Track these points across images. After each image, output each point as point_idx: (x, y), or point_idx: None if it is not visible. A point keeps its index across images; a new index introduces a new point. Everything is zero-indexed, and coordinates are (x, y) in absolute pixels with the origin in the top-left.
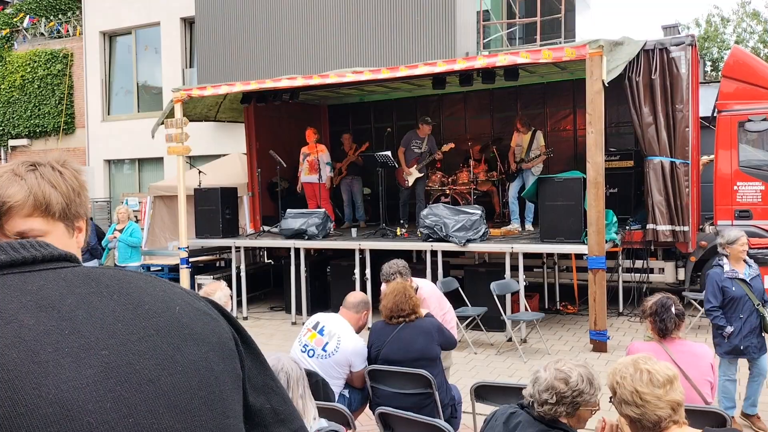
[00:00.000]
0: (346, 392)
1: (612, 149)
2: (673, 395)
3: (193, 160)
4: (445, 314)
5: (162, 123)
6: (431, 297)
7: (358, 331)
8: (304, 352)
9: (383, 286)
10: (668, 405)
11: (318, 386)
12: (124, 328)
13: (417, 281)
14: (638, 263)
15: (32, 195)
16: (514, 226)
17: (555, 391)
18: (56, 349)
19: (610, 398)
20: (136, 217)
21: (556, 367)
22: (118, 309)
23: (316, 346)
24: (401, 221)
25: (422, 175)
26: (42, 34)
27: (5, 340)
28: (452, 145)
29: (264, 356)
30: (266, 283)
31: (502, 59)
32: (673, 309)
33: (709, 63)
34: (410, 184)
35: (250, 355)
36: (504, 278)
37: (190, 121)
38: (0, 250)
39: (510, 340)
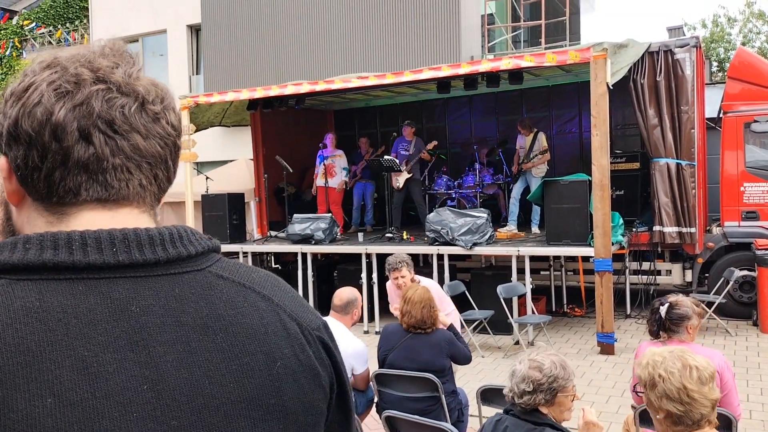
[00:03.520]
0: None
1: (618, 151)
2: (715, 393)
3: (201, 167)
4: (448, 316)
5: None
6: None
7: (352, 325)
8: None
9: (388, 283)
10: (711, 403)
11: None
12: (210, 389)
13: (418, 278)
14: (645, 265)
15: None
16: (511, 227)
17: (531, 379)
18: (124, 413)
19: (634, 387)
20: None
21: (530, 358)
22: (215, 357)
23: None
24: (392, 227)
25: (412, 176)
26: (50, 42)
27: (73, 396)
28: (435, 143)
29: (353, 409)
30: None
31: (507, 63)
32: (662, 311)
33: (715, 63)
34: (400, 186)
35: (340, 409)
36: (511, 281)
37: (198, 129)
38: (140, 243)
39: (517, 343)
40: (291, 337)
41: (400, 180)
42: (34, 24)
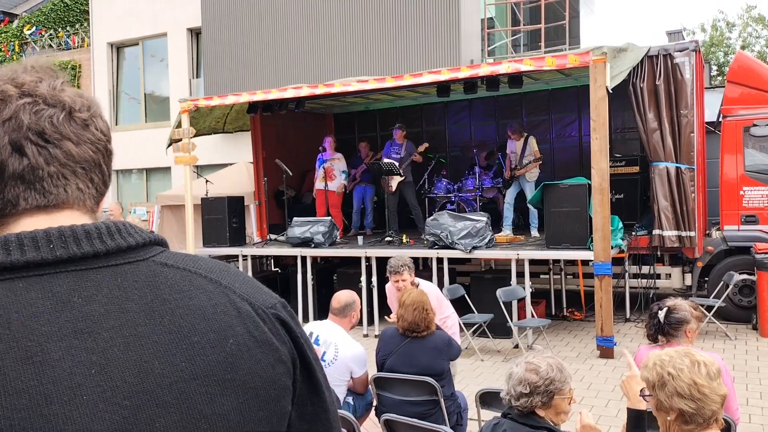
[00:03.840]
0: (350, 399)
1: (617, 155)
2: (723, 389)
3: (200, 170)
4: (447, 319)
5: (171, 143)
6: (429, 296)
7: (351, 328)
8: None
9: (388, 285)
10: (720, 399)
11: None
12: (160, 368)
13: (418, 281)
14: (645, 269)
15: None
16: (506, 232)
17: (528, 382)
18: (73, 397)
19: (641, 391)
20: (145, 227)
21: (527, 361)
22: (163, 339)
23: None
24: (390, 230)
25: (404, 179)
26: (50, 45)
27: (19, 384)
28: (426, 144)
29: (324, 383)
30: (273, 291)
31: (506, 67)
32: (660, 316)
33: (715, 67)
34: (393, 189)
35: (308, 382)
36: (510, 285)
37: (200, 135)
38: (77, 238)
39: (517, 346)
40: (243, 316)
41: (392, 183)
42: (34, 28)
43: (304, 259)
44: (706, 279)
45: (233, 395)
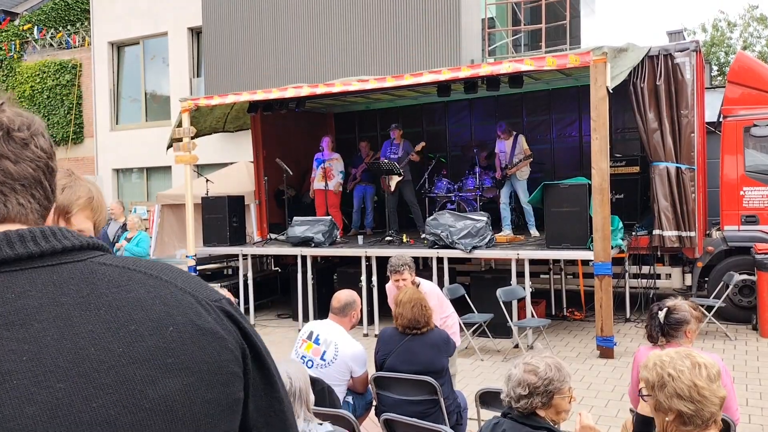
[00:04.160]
0: (350, 399)
1: (618, 155)
2: (722, 391)
3: (201, 169)
4: (447, 318)
5: (172, 143)
6: (431, 295)
7: (351, 327)
8: (302, 363)
9: (388, 285)
10: (720, 401)
11: (324, 393)
12: (97, 354)
13: (418, 280)
14: (645, 269)
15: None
16: (506, 232)
17: (527, 383)
18: (2, 382)
19: (640, 391)
20: (145, 226)
21: (525, 362)
22: (99, 328)
23: (314, 356)
24: (391, 230)
25: (403, 177)
26: (51, 44)
27: None
28: (423, 144)
29: (276, 374)
30: (273, 291)
31: (506, 67)
32: (660, 316)
33: (715, 67)
34: (393, 188)
35: (260, 372)
36: (510, 285)
37: (200, 135)
38: (10, 242)
39: (517, 346)
40: (184, 306)
41: (391, 184)
42: (36, 28)
43: (304, 258)
44: (706, 279)
45: (177, 378)
